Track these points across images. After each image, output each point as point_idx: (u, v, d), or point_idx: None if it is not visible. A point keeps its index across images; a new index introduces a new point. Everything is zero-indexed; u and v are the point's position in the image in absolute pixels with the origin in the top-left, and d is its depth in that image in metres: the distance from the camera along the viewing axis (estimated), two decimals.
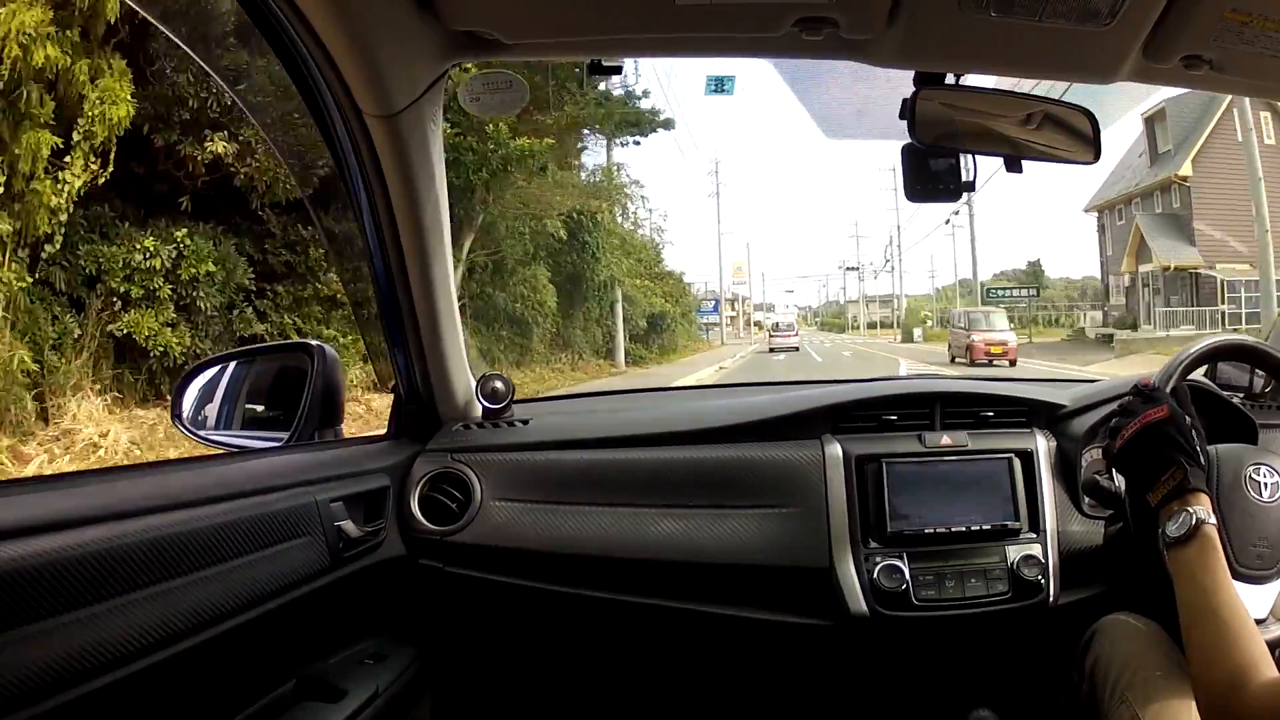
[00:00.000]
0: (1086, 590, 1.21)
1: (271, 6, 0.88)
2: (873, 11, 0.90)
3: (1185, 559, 0.89)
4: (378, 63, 0.95)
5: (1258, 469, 1.05)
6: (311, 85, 0.99)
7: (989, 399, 1.32)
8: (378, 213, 1.10)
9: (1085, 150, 1.07)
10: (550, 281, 13.57)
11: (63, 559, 0.65)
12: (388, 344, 1.24)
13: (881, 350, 23.94)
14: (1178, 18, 0.88)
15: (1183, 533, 0.90)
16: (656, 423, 1.36)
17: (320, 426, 1.23)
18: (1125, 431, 0.99)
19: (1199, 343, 1.17)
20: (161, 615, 0.73)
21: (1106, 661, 1.02)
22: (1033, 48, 0.96)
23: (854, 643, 1.25)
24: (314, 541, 0.98)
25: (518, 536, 1.23)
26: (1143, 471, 0.97)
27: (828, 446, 1.26)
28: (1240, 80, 1.03)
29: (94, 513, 0.71)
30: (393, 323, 1.21)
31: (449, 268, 1.19)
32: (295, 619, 0.96)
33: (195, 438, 1.28)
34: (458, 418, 1.33)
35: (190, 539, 0.79)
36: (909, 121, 1.01)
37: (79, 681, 0.65)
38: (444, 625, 1.32)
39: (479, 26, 0.96)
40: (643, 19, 0.97)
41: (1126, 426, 0.99)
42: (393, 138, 1.04)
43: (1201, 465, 0.95)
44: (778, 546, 1.22)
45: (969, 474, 1.25)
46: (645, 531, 1.23)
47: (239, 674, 0.89)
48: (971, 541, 1.21)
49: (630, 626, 1.32)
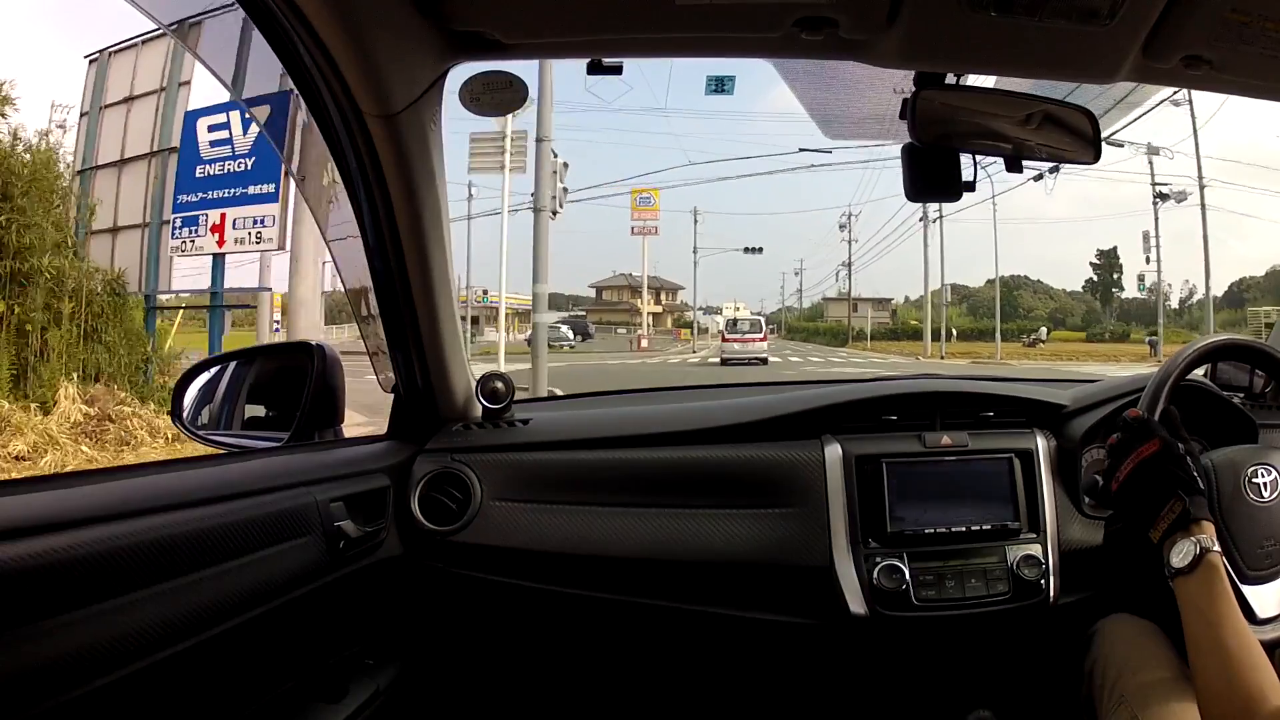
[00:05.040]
0: (1086, 590, 1.21)
1: (271, 6, 0.88)
2: (872, 11, 0.89)
3: (1191, 589, 0.89)
4: (378, 63, 0.95)
5: (1256, 471, 1.05)
6: (311, 85, 0.99)
7: (989, 399, 1.32)
8: (378, 213, 1.10)
9: (1085, 150, 1.07)
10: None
11: (63, 559, 0.65)
12: (388, 344, 1.24)
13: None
14: (1178, 18, 0.88)
15: (1187, 563, 0.89)
16: (656, 423, 1.36)
17: (320, 426, 1.24)
18: (1119, 473, 0.98)
19: (1183, 353, 1.14)
20: (162, 615, 0.73)
21: (1105, 662, 1.02)
22: (1033, 47, 0.96)
23: (854, 643, 1.25)
24: (314, 541, 0.98)
25: (518, 536, 1.23)
26: (1141, 509, 0.96)
27: (828, 446, 1.26)
28: (1240, 80, 1.03)
29: (94, 513, 0.71)
30: (393, 322, 1.21)
31: (449, 268, 1.19)
32: (295, 619, 0.96)
33: (195, 438, 1.28)
34: (458, 418, 1.33)
35: (190, 539, 0.79)
36: (909, 121, 1.01)
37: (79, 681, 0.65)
38: (444, 625, 1.32)
39: (479, 26, 0.96)
40: (643, 19, 0.97)
41: (1120, 468, 0.98)
42: (393, 138, 1.04)
43: (1201, 491, 0.94)
44: (778, 546, 1.22)
45: (969, 474, 1.25)
46: (645, 531, 1.23)
47: (239, 673, 0.89)
48: (971, 542, 1.21)
49: (630, 626, 1.32)
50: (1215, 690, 0.84)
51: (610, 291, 51.41)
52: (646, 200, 27.82)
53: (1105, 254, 42.89)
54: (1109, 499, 1.01)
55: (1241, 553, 1.01)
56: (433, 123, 1.07)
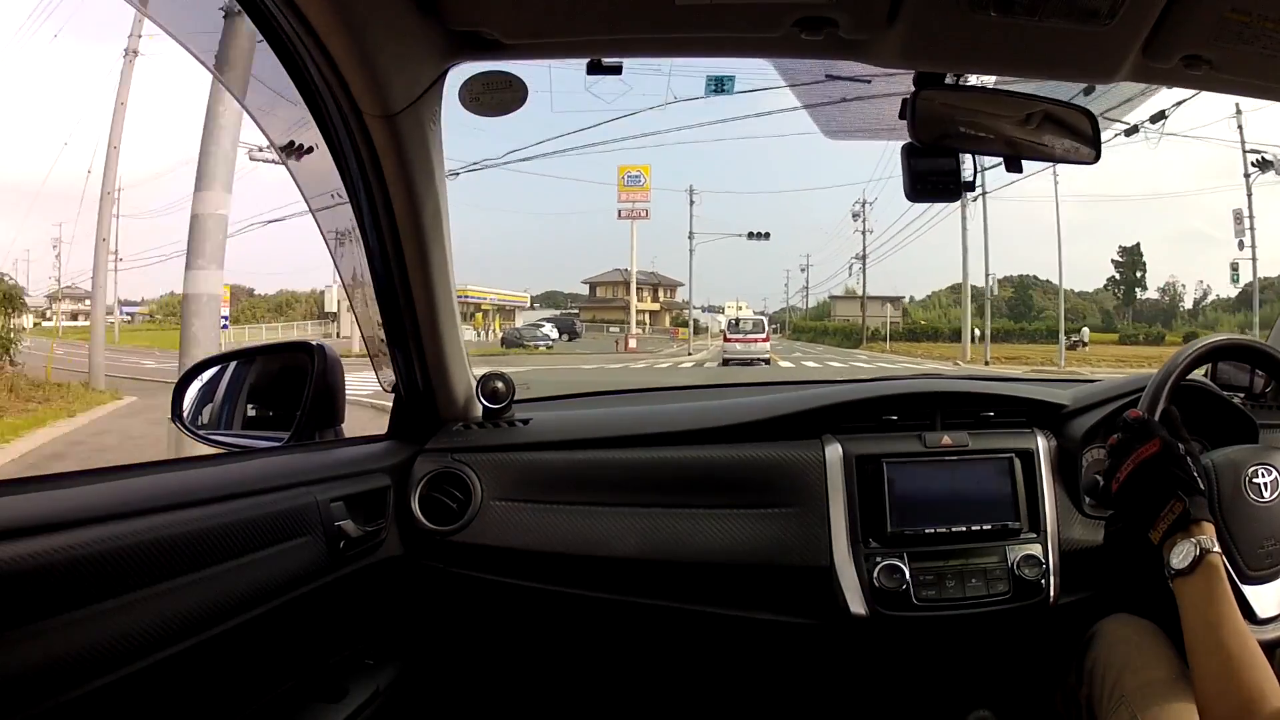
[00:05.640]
0: (1087, 590, 1.21)
1: (271, 7, 0.88)
2: (872, 11, 0.89)
3: (1191, 590, 0.89)
4: (378, 63, 0.95)
5: (1256, 471, 1.05)
6: (311, 85, 0.99)
7: (989, 399, 1.32)
8: (378, 213, 1.11)
9: (1085, 150, 1.07)
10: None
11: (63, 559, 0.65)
12: (388, 343, 1.24)
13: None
14: (1178, 17, 0.88)
15: (1187, 564, 0.89)
16: (656, 423, 1.36)
17: (320, 426, 1.24)
18: (1119, 474, 0.98)
19: (1183, 353, 1.14)
20: (162, 615, 0.74)
21: (1105, 663, 1.02)
22: (1032, 47, 0.96)
23: (854, 643, 1.25)
24: (314, 541, 0.98)
25: (518, 536, 1.23)
26: (1141, 510, 0.96)
27: (828, 446, 1.26)
28: (1240, 80, 1.03)
29: (94, 513, 0.71)
30: (393, 322, 1.21)
31: (449, 267, 1.19)
32: (295, 619, 0.96)
33: (195, 438, 1.28)
34: (458, 417, 1.33)
35: (190, 539, 0.79)
36: (909, 121, 1.01)
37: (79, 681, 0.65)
38: (444, 625, 1.32)
39: (479, 26, 0.96)
40: (643, 19, 0.97)
41: (1120, 468, 0.98)
42: (393, 138, 1.04)
43: (1201, 491, 0.94)
44: (778, 546, 1.22)
45: (969, 474, 1.25)
46: (645, 531, 1.23)
47: (239, 673, 0.89)
48: (972, 541, 1.21)
49: (630, 626, 1.32)
50: (1215, 691, 0.84)
51: (605, 288, 46.69)
52: (636, 179, 23.98)
53: (1127, 251, 40.66)
54: (1109, 499, 1.02)
55: (1242, 553, 1.01)
56: (433, 123, 1.07)
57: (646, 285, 43.90)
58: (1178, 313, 38.33)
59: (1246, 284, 20.25)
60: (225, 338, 27.97)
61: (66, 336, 27.14)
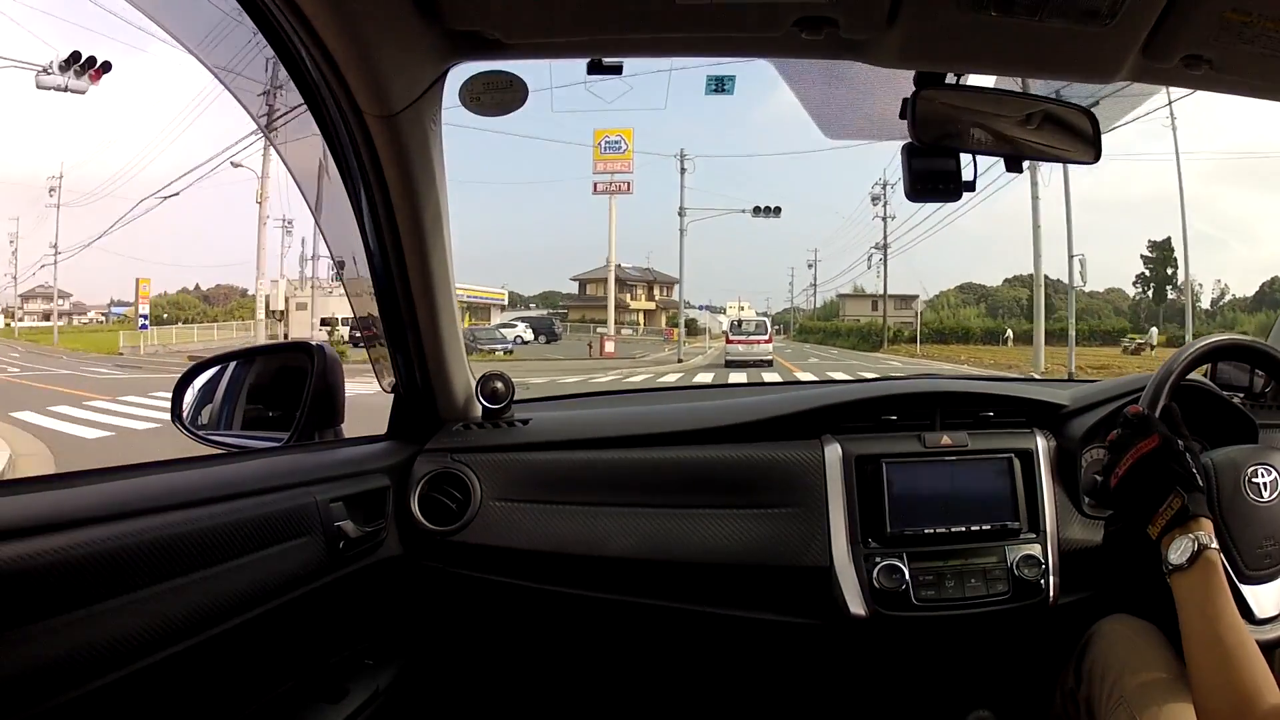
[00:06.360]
0: (1086, 591, 1.21)
1: (271, 6, 0.88)
2: (873, 11, 0.89)
3: (1188, 586, 0.89)
4: (378, 63, 0.95)
5: (1256, 471, 1.06)
6: (311, 85, 0.99)
7: (989, 399, 1.32)
8: (378, 213, 1.11)
9: (1085, 150, 1.07)
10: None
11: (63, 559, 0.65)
12: (388, 344, 1.24)
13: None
14: (1178, 17, 0.88)
15: (1185, 559, 0.89)
16: (657, 423, 1.36)
17: (320, 426, 1.24)
18: (1119, 469, 0.98)
19: (1183, 352, 1.14)
20: (162, 614, 0.74)
21: (1104, 664, 1.02)
22: (1033, 47, 0.96)
23: (853, 643, 1.25)
24: (314, 541, 0.98)
25: (517, 536, 1.23)
26: (1140, 505, 0.96)
27: (827, 446, 1.26)
28: (1240, 80, 1.03)
29: (94, 513, 0.71)
30: (393, 322, 1.21)
31: (449, 268, 1.19)
32: (295, 619, 0.96)
33: (195, 438, 1.28)
34: (458, 418, 1.33)
35: (190, 539, 0.79)
36: (909, 121, 1.01)
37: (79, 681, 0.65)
38: (444, 625, 1.32)
39: (479, 26, 0.96)
40: (643, 19, 0.97)
41: (1119, 464, 0.98)
42: (393, 138, 1.04)
43: (1200, 488, 0.94)
44: (777, 546, 1.22)
45: (969, 474, 1.25)
46: (644, 531, 1.23)
47: (239, 673, 0.89)
48: (971, 542, 1.21)
49: (629, 626, 1.32)
50: (1210, 687, 0.84)
51: (595, 285, 41.95)
52: (615, 145, 19.97)
53: (1158, 245, 35.87)
54: (1108, 495, 1.02)
55: (1241, 553, 1.01)
56: (433, 123, 1.07)
57: (640, 283, 40.86)
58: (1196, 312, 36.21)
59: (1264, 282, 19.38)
60: (146, 339, 26.79)
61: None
